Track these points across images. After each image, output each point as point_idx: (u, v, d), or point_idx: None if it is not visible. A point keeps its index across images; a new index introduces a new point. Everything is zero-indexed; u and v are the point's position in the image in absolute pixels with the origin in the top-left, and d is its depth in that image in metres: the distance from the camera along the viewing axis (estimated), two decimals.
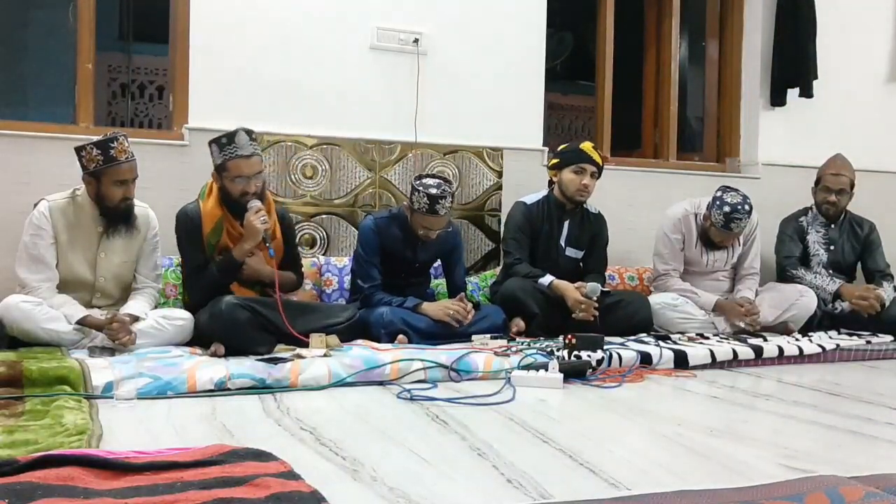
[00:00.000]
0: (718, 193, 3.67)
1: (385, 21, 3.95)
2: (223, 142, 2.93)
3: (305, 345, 2.81)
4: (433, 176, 3.35)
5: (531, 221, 3.65)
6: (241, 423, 2.01)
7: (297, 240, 3.56)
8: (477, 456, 1.74)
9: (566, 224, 3.70)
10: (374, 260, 3.31)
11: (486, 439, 1.87)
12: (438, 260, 3.56)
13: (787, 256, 4.11)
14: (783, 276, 4.08)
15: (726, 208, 3.60)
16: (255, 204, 2.93)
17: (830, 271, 4.06)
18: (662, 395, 2.60)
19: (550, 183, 3.75)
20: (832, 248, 4.12)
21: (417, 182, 3.25)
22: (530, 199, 3.71)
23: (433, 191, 3.19)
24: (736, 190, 3.68)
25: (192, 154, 3.63)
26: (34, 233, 2.87)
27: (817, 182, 4.16)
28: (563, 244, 3.70)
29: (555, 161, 3.71)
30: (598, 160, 3.61)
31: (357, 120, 3.91)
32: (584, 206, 3.73)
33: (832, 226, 4.15)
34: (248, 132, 2.96)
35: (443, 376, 2.62)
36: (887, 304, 3.86)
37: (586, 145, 3.64)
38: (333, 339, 2.86)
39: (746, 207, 3.61)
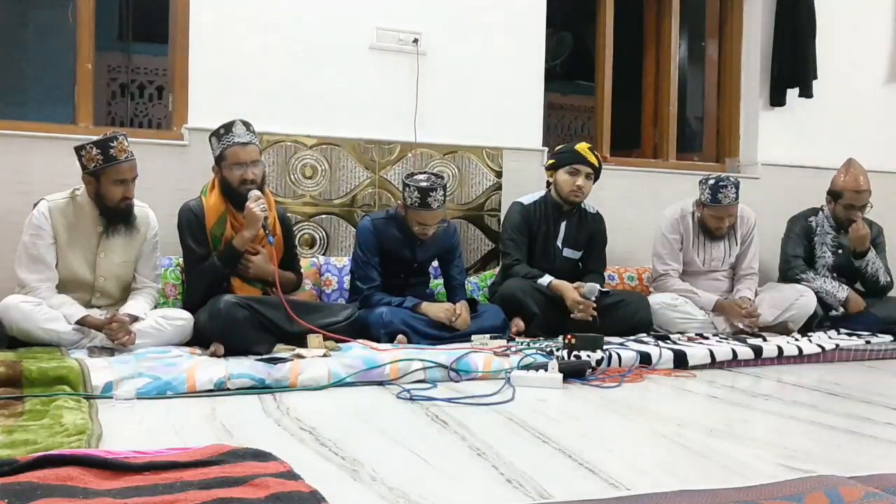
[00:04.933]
0: (703, 178, 3.80)
1: (385, 21, 3.95)
2: (221, 132, 3.03)
3: (306, 341, 2.81)
4: (423, 172, 3.36)
5: (528, 222, 3.65)
6: (241, 423, 2.01)
7: (296, 242, 3.58)
8: (477, 456, 1.74)
9: (563, 225, 3.69)
10: (373, 261, 3.31)
11: (485, 439, 1.87)
12: (437, 260, 3.56)
13: (795, 256, 4.05)
14: (787, 274, 4.04)
15: (711, 181, 3.72)
16: (255, 192, 2.98)
17: (834, 274, 4.01)
18: (662, 395, 2.60)
19: (549, 184, 3.75)
20: (840, 251, 4.04)
21: (408, 179, 3.27)
22: (527, 199, 3.71)
23: (423, 184, 3.20)
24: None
25: (191, 154, 3.63)
26: (34, 233, 2.87)
27: (836, 195, 3.98)
28: (559, 245, 3.69)
29: (551, 162, 3.71)
30: (594, 161, 3.61)
31: (357, 120, 3.91)
32: (583, 205, 3.73)
33: (843, 231, 4.04)
34: (246, 123, 3.06)
35: (442, 376, 2.62)
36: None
37: (582, 146, 3.63)
38: (331, 343, 2.87)
39: (731, 179, 3.70)
